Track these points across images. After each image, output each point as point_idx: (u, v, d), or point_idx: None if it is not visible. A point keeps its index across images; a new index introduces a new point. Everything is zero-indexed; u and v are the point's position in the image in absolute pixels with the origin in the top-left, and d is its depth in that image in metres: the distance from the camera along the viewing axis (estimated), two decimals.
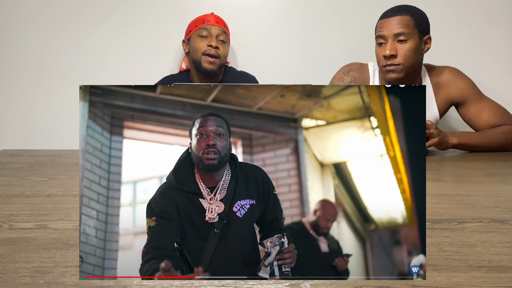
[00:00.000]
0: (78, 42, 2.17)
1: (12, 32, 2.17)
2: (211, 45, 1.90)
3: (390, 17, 1.63)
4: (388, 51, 1.61)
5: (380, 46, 1.66)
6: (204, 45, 1.91)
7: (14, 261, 0.74)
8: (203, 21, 1.93)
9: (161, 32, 2.17)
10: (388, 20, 1.64)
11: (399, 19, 1.62)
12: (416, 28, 1.63)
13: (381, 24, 1.66)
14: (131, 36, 2.18)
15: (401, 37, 1.61)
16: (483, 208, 1.01)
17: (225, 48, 1.95)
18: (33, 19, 2.16)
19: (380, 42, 1.66)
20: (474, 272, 0.70)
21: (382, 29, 1.65)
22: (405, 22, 1.61)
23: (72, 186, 1.19)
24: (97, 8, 2.16)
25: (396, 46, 1.62)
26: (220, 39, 1.93)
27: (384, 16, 1.67)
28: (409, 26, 1.62)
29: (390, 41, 1.62)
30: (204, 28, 1.92)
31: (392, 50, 1.61)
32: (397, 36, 1.62)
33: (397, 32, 1.61)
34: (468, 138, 1.67)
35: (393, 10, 1.65)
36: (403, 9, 1.64)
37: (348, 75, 1.80)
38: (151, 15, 2.17)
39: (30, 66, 2.19)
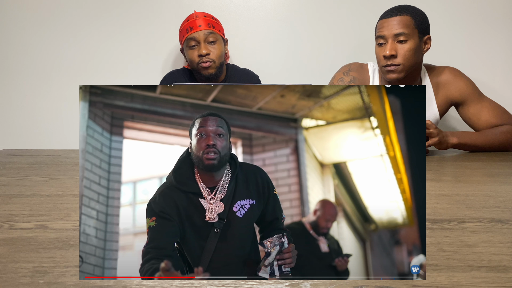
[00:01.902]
0: (78, 42, 2.17)
1: (12, 32, 2.17)
2: (201, 54, 1.85)
3: (390, 17, 1.63)
4: (388, 51, 1.61)
5: (380, 46, 1.66)
6: (195, 56, 1.87)
7: (14, 261, 0.74)
8: (187, 30, 1.87)
9: (161, 32, 2.17)
10: (388, 20, 1.64)
11: (399, 19, 1.62)
12: (416, 28, 1.63)
13: (381, 24, 1.66)
14: (131, 36, 2.18)
15: (401, 37, 1.61)
16: (483, 208, 1.01)
17: (217, 48, 1.89)
18: (33, 19, 2.16)
19: (380, 42, 1.66)
20: (474, 272, 0.70)
21: (382, 29, 1.65)
22: (405, 22, 1.61)
23: (72, 186, 1.19)
24: (97, 8, 2.16)
25: (396, 46, 1.62)
26: (209, 40, 1.86)
27: (384, 16, 1.67)
28: (409, 26, 1.62)
29: (390, 41, 1.62)
30: (190, 38, 1.86)
31: (392, 50, 1.61)
32: (397, 36, 1.62)
33: (397, 33, 1.61)
34: (468, 138, 1.67)
35: (393, 10, 1.65)
36: (403, 9, 1.64)
37: (347, 75, 1.80)
38: (151, 15, 2.17)
39: (30, 66, 2.19)
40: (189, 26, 1.87)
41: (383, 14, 1.68)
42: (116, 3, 2.16)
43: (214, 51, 1.88)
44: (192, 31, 1.85)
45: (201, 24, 1.87)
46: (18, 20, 2.17)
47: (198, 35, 1.85)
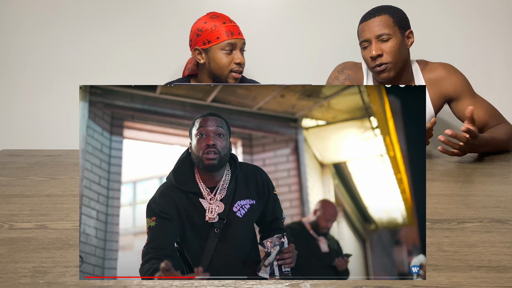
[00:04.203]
0: (78, 42, 2.17)
1: (12, 32, 2.17)
2: (240, 63, 1.78)
3: (369, 19, 1.67)
4: (374, 51, 1.64)
5: (365, 49, 1.69)
6: (230, 62, 1.78)
7: (14, 261, 0.74)
8: (227, 34, 1.78)
9: (161, 32, 2.17)
10: (367, 23, 1.67)
11: (378, 20, 1.65)
12: (396, 25, 1.65)
13: (362, 28, 1.69)
14: (131, 36, 2.18)
15: (384, 36, 1.64)
16: (483, 208, 1.01)
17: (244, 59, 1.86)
18: (33, 19, 2.16)
19: (365, 46, 1.69)
20: (474, 272, 0.70)
21: (364, 33, 1.68)
22: (384, 22, 1.65)
23: (72, 186, 1.19)
24: (97, 8, 2.16)
25: (381, 45, 1.65)
26: (243, 50, 1.83)
27: (363, 20, 1.70)
28: (389, 25, 1.65)
29: (374, 42, 1.65)
30: (230, 43, 1.77)
31: (378, 50, 1.64)
32: (379, 37, 1.64)
33: (379, 33, 1.64)
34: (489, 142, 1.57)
35: (370, 13, 1.68)
36: (380, 9, 1.67)
37: (342, 73, 1.82)
38: (151, 15, 2.17)
39: (30, 66, 2.19)
40: (230, 31, 1.79)
41: (362, 18, 1.71)
42: (116, 3, 2.16)
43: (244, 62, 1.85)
44: (233, 37, 1.78)
45: (240, 32, 1.83)
46: (18, 20, 2.17)
47: (240, 43, 1.79)
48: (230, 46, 1.77)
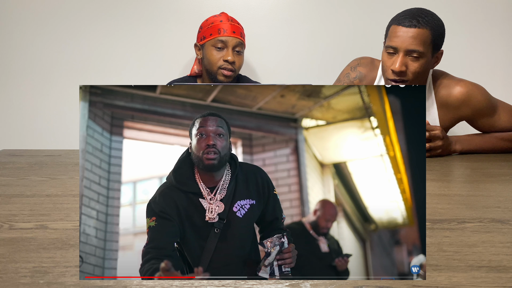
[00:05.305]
0: (78, 42, 2.17)
1: (12, 32, 2.17)
2: (227, 60, 1.82)
3: (408, 27, 1.48)
4: (398, 66, 1.49)
5: (389, 55, 1.54)
6: (219, 59, 1.83)
7: (14, 261, 0.74)
8: (218, 31, 1.82)
9: (161, 32, 2.17)
10: (404, 30, 1.48)
11: (417, 33, 1.47)
12: (431, 44, 1.50)
13: (394, 31, 1.51)
14: (131, 36, 2.18)
15: (415, 54, 1.49)
16: (483, 208, 1.01)
17: (241, 59, 1.88)
18: (33, 19, 2.16)
19: (390, 52, 1.53)
20: (474, 272, 0.70)
21: (395, 39, 1.50)
22: (422, 38, 1.48)
23: (72, 186, 1.19)
24: (97, 8, 2.16)
25: (407, 61, 1.50)
26: (237, 50, 1.85)
27: (401, 22, 1.50)
28: (425, 43, 1.48)
29: (401, 55, 1.50)
30: (220, 40, 1.82)
31: (403, 66, 1.50)
32: (410, 52, 1.49)
33: (411, 49, 1.48)
34: (473, 145, 1.61)
35: (412, 18, 1.48)
36: (424, 20, 1.48)
37: (354, 71, 1.73)
38: (151, 14, 2.17)
39: (30, 66, 2.19)
40: (222, 28, 1.83)
41: (401, 19, 1.51)
42: (116, 3, 2.16)
43: (238, 62, 1.87)
44: (225, 34, 1.82)
45: (235, 30, 1.85)
46: (18, 20, 2.17)
47: (230, 40, 1.83)
48: (221, 43, 1.82)
